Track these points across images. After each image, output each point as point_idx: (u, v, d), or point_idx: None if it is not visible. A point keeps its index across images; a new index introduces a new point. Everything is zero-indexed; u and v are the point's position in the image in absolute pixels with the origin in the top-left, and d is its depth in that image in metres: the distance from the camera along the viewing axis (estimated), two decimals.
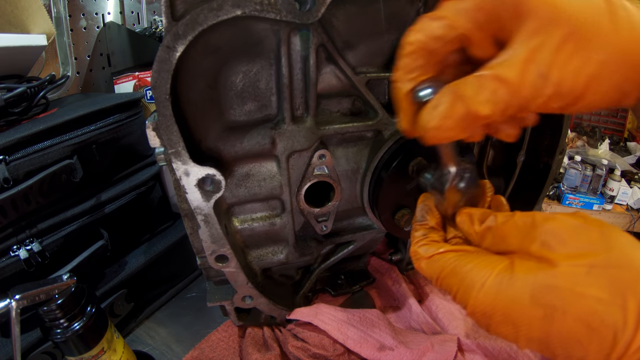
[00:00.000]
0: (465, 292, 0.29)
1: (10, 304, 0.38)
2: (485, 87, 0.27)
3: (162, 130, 0.36)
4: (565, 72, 0.26)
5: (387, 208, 0.50)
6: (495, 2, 0.27)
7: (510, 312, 0.27)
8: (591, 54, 0.25)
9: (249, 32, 0.38)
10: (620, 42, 0.25)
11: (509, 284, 0.27)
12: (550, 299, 0.25)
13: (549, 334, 0.26)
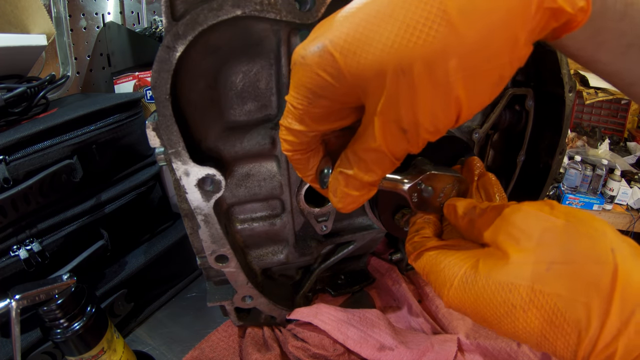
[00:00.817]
0: (440, 290, 0.30)
1: (10, 304, 0.38)
2: (363, 160, 0.27)
3: (162, 130, 0.36)
4: (423, 115, 0.24)
5: (387, 208, 0.50)
6: (322, 100, 0.26)
7: (477, 309, 0.27)
8: (441, 79, 0.22)
9: (249, 32, 0.38)
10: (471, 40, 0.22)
11: (473, 283, 0.27)
12: (509, 298, 0.25)
13: (516, 329, 0.26)
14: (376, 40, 0.22)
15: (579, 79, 2.19)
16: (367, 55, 0.23)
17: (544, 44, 0.50)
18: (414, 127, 0.24)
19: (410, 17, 0.22)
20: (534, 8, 0.21)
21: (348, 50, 0.23)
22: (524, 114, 0.59)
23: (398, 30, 0.22)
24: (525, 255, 0.26)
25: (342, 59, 0.23)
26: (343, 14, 0.24)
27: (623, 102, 2.32)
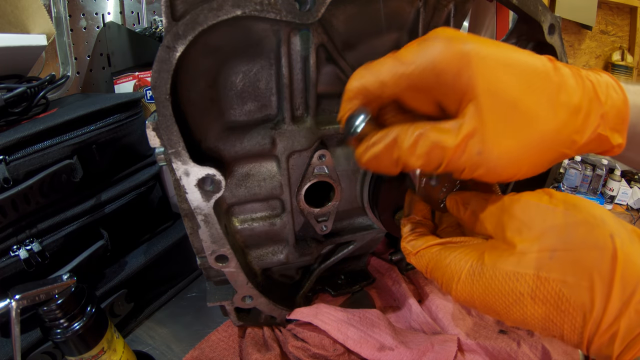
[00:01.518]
0: (447, 285, 0.31)
1: (10, 304, 0.38)
2: (423, 145, 0.28)
3: (162, 130, 0.36)
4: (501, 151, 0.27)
5: (387, 208, 0.50)
6: (432, 77, 0.28)
7: (486, 300, 0.28)
8: (526, 135, 0.27)
9: (249, 32, 0.38)
10: (556, 122, 0.27)
11: (480, 275, 0.29)
12: (516, 286, 0.27)
13: (525, 317, 0.27)
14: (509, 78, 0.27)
15: None
16: (499, 82, 0.27)
17: (544, 42, 0.50)
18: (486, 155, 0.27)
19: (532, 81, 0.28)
20: (590, 128, 0.29)
21: (488, 67, 0.27)
22: None
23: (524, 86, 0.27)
24: (528, 245, 0.27)
25: (480, 71, 0.27)
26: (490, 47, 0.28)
27: None
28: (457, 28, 0.48)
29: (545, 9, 0.47)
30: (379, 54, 0.46)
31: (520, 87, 0.27)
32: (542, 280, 0.26)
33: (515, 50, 0.28)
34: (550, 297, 0.26)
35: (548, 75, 0.28)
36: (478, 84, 0.27)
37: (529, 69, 0.27)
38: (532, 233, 0.27)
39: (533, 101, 0.27)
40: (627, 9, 2.35)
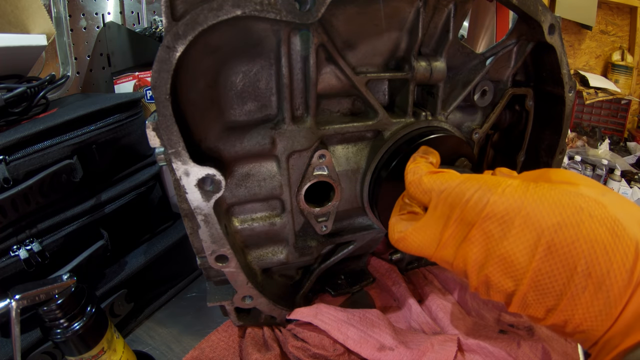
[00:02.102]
0: (484, 194, 0.29)
1: (10, 304, 0.38)
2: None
3: (162, 130, 0.36)
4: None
5: (387, 208, 0.50)
6: None
7: (536, 213, 0.27)
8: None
9: (249, 32, 0.38)
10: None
11: (535, 187, 0.28)
12: (576, 201, 0.26)
13: (578, 234, 0.26)
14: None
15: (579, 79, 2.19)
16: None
17: (544, 42, 0.50)
18: None
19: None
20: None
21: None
22: (524, 114, 0.59)
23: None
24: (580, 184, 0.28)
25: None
26: None
27: (623, 102, 2.32)
28: (457, 28, 0.48)
29: (545, 9, 0.47)
30: (379, 54, 0.47)
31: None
32: (600, 205, 0.26)
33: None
34: (607, 220, 0.25)
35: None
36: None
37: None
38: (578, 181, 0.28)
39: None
40: (627, 9, 2.35)
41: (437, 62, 0.48)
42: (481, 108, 0.57)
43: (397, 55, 0.48)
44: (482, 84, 0.54)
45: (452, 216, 0.31)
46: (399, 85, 0.50)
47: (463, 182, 0.31)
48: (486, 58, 0.52)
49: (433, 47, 0.49)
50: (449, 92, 0.53)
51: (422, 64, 0.47)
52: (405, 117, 0.49)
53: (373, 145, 0.50)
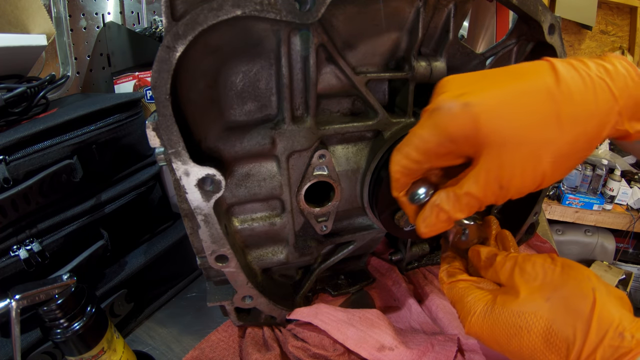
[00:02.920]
0: (464, 318, 0.38)
1: (10, 304, 0.38)
2: (459, 201, 0.35)
3: (162, 130, 0.36)
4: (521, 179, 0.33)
5: (386, 208, 0.50)
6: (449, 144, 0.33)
7: (493, 332, 0.36)
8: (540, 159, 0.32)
9: (249, 32, 0.38)
10: (567, 137, 0.31)
11: (491, 312, 0.36)
12: (517, 321, 0.34)
13: (521, 347, 0.34)
14: (512, 118, 0.31)
15: None
16: (502, 129, 0.31)
17: (544, 42, 0.50)
18: (507, 186, 0.33)
19: (537, 112, 0.31)
20: (608, 128, 0.32)
21: (491, 115, 0.31)
22: None
23: (527, 117, 0.31)
24: (531, 291, 0.35)
25: (485, 124, 0.31)
26: (487, 84, 0.32)
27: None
28: (457, 28, 0.48)
29: (545, 9, 0.47)
30: (379, 54, 0.47)
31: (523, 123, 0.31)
32: (538, 317, 0.33)
33: (515, 79, 0.32)
34: (543, 331, 0.33)
35: (550, 93, 0.31)
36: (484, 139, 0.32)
37: (529, 96, 0.31)
38: (535, 283, 0.35)
39: (539, 130, 0.31)
40: (627, 9, 2.35)
41: (437, 62, 0.48)
42: None
43: (397, 55, 0.48)
44: None
45: None
46: (399, 85, 0.50)
47: (457, 302, 0.40)
48: (486, 58, 0.52)
49: (433, 47, 0.49)
50: None
51: (422, 64, 0.47)
52: (405, 117, 0.49)
53: (373, 145, 0.50)
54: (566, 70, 0.31)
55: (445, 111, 0.33)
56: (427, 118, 0.34)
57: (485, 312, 0.36)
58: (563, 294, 0.33)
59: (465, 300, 0.39)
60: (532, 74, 0.32)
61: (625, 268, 2.12)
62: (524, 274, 0.36)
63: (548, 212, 2.05)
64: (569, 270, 0.35)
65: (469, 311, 0.38)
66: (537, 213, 0.65)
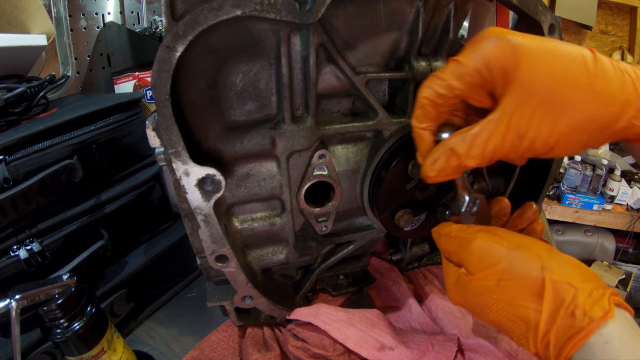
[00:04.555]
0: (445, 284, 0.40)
1: (10, 304, 0.38)
2: (475, 145, 0.35)
3: (162, 130, 0.36)
4: (537, 133, 0.33)
5: (386, 208, 0.50)
6: (486, 71, 0.33)
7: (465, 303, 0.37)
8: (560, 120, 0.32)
9: (249, 32, 0.38)
10: (590, 109, 0.32)
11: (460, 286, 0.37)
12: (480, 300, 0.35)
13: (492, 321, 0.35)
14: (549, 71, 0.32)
15: None
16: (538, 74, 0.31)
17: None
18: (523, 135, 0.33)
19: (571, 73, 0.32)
20: (626, 117, 0.32)
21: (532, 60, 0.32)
22: None
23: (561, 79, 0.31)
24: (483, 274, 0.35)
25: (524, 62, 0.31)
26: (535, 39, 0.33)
27: None
28: (457, 28, 0.48)
29: (545, 9, 0.47)
30: (379, 54, 0.47)
31: (557, 78, 0.31)
32: (494, 299, 0.34)
33: (558, 43, 0.33)
34: (502, 311, 0.33)
35: (586, 65, 0.31)
36: (518, 76, 0.32)
37: (568, 59, 0.32)
38: (483, 265, 0.35)
39: (568, 91, 0.31)
40: (627, 9, 2.35)
41: (437, 62, 0.48)
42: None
43: (397, 55, 0.48)
44: None
45: None
46: (399, 85, 0.50)
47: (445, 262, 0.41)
48: None
49: (433, 47, 0.49)
50: None
51: (422, 64, 0.47)
52: (405, 117, 0.49)
53: (373, 145, 0.50)
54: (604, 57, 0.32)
55: (492, 39, 0.33)
56: (471, 45, 0.34)
57: (456, 284, 0.37)
58: (512, 274, 0.33)
59: (445, 266, 0.40)
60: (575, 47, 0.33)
61: (625, 268, 2.12)
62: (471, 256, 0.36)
63: (548, 212, 2.05)
64: (516, 249, 0.34)
65: (447, 279, 0.39)
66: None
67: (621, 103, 0.31)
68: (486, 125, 0.34)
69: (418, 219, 0.52)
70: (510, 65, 0.32)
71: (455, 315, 0.57)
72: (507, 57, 0.32)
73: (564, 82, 0.32)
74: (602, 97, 0.31)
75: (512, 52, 0.32)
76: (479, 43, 0.33)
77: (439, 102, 0.36)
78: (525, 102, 0.32)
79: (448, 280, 0.39)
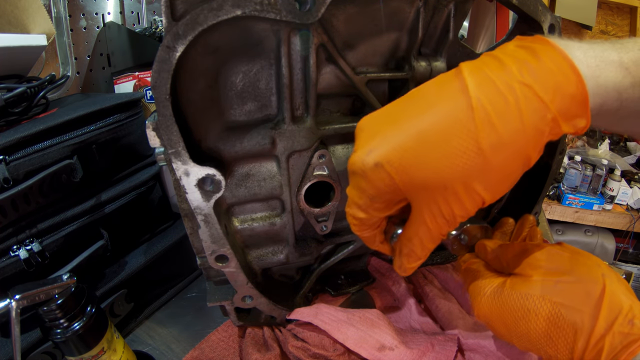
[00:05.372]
0: (474, 298, 0.39)
1: (10, 304, 0.38)
2: (419, 240, 0.34)
3: (162, 130, 0.36)
4: (460, 210, 0.31)
5: None
6: (383, 197, 0.33)
7: (501, 314, 0.36)
8: (472, 191, 0.30)
9: (249, 32, 0.38)
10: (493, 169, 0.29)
11: (500, 293, 0.36)
12: (525, 304, 0.34)
13: (529, 331, 0.34)
14: (425, 164, 0.29)
15: None
16: (418, 174, 0.29)
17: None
18: (452, 216, 0.31)
19: (452, 148, 0.28)
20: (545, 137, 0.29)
21: (402, 169, 0.30)
22: None
23: (442, 158, 0.28)
24: (541, 276, 0.35)
25: (397, 176, 0.30)
26: (393, 131, 0.30)
27: None
28: (457, 28, 0.48)
29: (545, 8, 0.47)
30: (379, 54, 0.47)
31: (439, 167, 0.29)
32: (546, 301, 0.33)
33: (420, 115, 0.29)
34: (550, 315, 0.32)
35: (462, 127, 0.27)
36: (408, 189, 0.31)
37: (440, 137, 0.28)
38: (544, 269, 0.35)
39: (459, 168, 0.28)
40: (627, 9, 2.35)
41: (437, 62, 0.48)
42: None
43: (397, 55, 0.48)
44: None
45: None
46: (399, 85, 0.50)
47: (469, 284, 0.41)
48: None
49: (433, 47, 0.49)
50: None
51: (422, 64, 0.47)
52: None
53: None
54: (480, 88, 0.27)
55: (360, 176, 0.32)
56: (351, 179, 0.34)
57: (495, 293, 0.36)
58: (572, 278, 0.33)
59: (477, 281, 0.39)
60: (441, 102, 0.29)
61: (625, 268, 2.12)
62: (533, 260, 0.36)
63: (548, 212, 2.05)
64: (578, 257, 0.35)
65: (479, 292, 0.38)
66: (537, 213, 0.65)
67: (529, 133, 0.27)
68: (413, 226, 0.34)
69: None
70: (393, 187, 0.31)
71: (455, 315, 0.57)
72: (386, 183, 0.31)
73: (449, 164, 0.28)
74: (499, 147, 0.28)
75: (385, 177, 0.30)
76: (354, 180, 0.33)
77: (370, 225, 0.37)
78: (430, 198, 0.30)
79: (482, 293, 0.37)
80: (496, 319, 0.36)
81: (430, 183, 0.29)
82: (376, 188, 0.32)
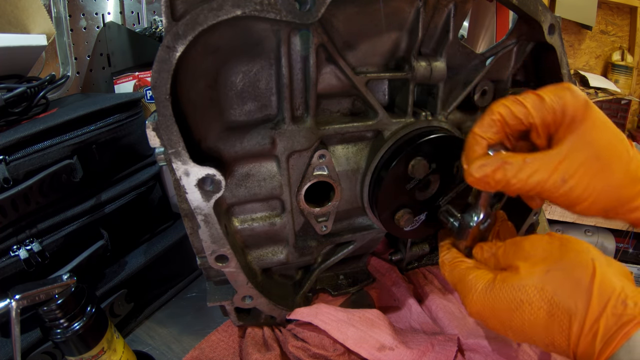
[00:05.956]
0: (465, 296, 0.39)
1: (10, 304, 0.38)
2: (524, 170, 0.35)
3: (162, 130, 0.36)
4: (578, 182, 0.34)
5: (386, 208, 0.50)
6: (560, 114, 0.35)
7: (494, 308, 0.36)
8: (599, 178, 0.34)
9: (249, 32, 0.38)
10: (622, 180, 0.34)
11: (491, 288, 0.36)
12: (518, 295, 0.34)
13: (523, 322, 0.34)
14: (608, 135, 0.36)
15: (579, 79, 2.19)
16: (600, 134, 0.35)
17: (544, 42, 0.50)
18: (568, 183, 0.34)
19: None
20: None
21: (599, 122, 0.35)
22: None
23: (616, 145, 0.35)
24: (531, 266, 0.35)
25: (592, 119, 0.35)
26: None
27: (623, 102, 2.32)
28: (457, 28, 0.48)
29: (545, 9, 0.47)
30: (379, 54, 0.47)
31: (607, 145, 0.34)
32: (538, 290, 0.33)
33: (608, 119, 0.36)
34: (544, 304, 0.33)
35: (626, 147, 0.35)
36: (581, 128, 0.34)
37: (619, 137, 0.35)
38: (534, 259, 0.36)
39: (613, 159, 0.34)
40: (627, 9, 2.35)
41: (437, 62, 0.48)
42: (481, 108, 0.57)
43: (397, 55, 0.48)
44: (483, 84, 0.54)
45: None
46: (399, 85, 0.50)
47: (457, 282, 0.41)
48: (486, 58, 0.52)
49: (433, 47, 0.49)
50: (448, 92, 0.53)
51: (422, 64, 0.47)
52: (405, 117, 0.49)
53: (373, 145, 0.50)
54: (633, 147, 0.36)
55: (572, 91, 0.35)
56: (552, 89, 0.36)
57: (486, 288, 0.37)
58: (563, 265, 0.34)
59: (467, 279, 0.39)
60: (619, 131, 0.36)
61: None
62: (523, 252, 0.37)
63: (548, 212, 2.05)
64: (568, 244, 0.35)
65: (470, 289, 0.38)
66: (537, 213, 0.65)
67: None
68: (541, 157, 0.35)
69: (418, 219, 0.52)
70: (579, 116, 0.34)
71: (455, 315, 0.57)
72: (580, 109, 0.34)
73: (612, 149, 0.34)
74: (632, 175, 0.34)
75: (584, 107, 0.35)
76: (560, 89, 0.36)
77: (510, 123, 0.37)
78: (579, 151, 0.34)
79: (473, 289, 0.38)
80: (490, 315, 0.36)
81: (596, 142, 0.35)
82: (567, 108, 0.35)
